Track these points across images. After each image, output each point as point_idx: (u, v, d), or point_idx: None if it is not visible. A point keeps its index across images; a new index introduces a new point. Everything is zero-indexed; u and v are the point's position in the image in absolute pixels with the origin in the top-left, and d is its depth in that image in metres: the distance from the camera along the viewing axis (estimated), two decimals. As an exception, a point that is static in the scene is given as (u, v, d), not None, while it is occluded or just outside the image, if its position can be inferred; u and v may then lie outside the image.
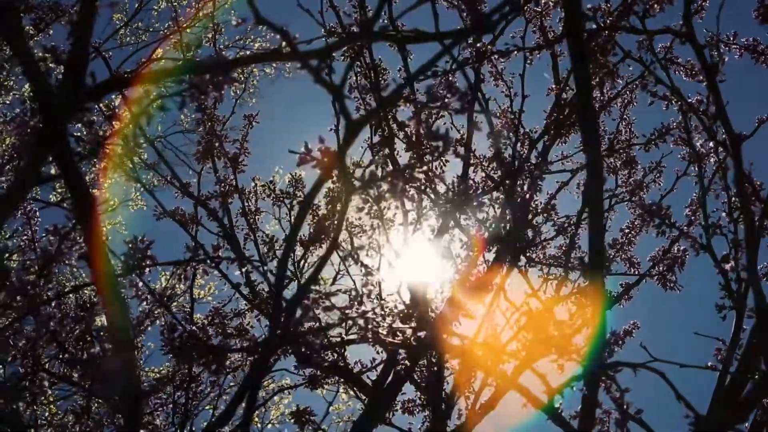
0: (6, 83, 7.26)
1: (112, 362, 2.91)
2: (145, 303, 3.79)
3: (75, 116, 2.41)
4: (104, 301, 2.54)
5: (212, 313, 5.09)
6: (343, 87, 2.61)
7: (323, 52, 2.57)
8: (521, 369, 4.89)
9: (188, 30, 7.96)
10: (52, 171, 3.07)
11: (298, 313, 2.85)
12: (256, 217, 5.68)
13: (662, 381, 3.37)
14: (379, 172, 2.77)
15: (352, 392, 6.61)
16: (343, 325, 3.16)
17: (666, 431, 3.88)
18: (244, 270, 5.18)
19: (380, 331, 3.26)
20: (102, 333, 3.28)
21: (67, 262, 3.51)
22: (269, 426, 8.62)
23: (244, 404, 3.13)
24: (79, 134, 2.96)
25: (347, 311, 3.04)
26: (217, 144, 5.51)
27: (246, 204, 5.61)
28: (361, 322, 3.10)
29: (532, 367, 3.55)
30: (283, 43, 2.49)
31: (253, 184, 5.75)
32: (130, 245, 3.26)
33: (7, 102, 7.70)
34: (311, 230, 5.51)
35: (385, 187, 2.72)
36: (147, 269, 3.35)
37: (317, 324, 2.94)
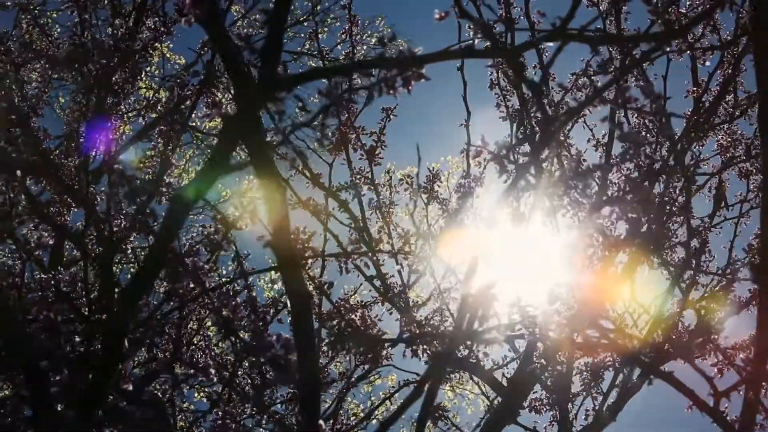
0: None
1: (292, 349, 2.93)
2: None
3: (269, 106, 2.43)
4: (287, 286, 2.55)
5: (339, 304, 5.10)
6: (543, 85, 2.61)
7: (518, 49, 2.57)
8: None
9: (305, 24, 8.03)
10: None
11: (481, 309, 2.84)
12: (390, 210, 5.69)
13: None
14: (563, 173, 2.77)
15: (481, 389, 6.63)
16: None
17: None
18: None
19: (552, 328, 3.26)
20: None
21: (228, 250, 3.57)
22: (373, 422, 8.64)
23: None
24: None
25: (528, 308, 3.05)
26: (353, 136, 5.56)
27: (380, 196, 5.62)
28: (540, 319, 3.10)
29: (699, 368, 3.52)
30: (476, 39, 2.49)
31: (388, 177, 5.78)
32: (293, 236, 3.30)
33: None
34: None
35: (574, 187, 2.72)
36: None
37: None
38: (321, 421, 2.65)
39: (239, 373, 4.70)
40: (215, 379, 3.81)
